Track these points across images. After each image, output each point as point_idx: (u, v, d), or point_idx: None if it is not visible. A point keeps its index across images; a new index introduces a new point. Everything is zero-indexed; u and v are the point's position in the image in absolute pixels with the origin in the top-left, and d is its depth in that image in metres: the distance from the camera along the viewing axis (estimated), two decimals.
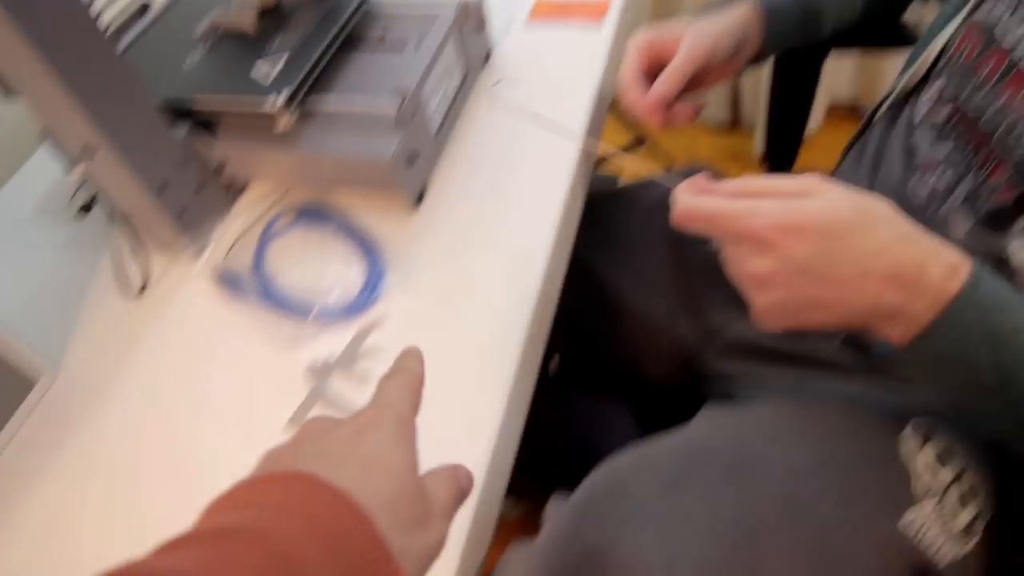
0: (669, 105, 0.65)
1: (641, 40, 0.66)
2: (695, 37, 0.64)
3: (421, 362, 0.40)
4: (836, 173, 0.75)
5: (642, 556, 0.45)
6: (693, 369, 0.77)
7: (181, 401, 0.60)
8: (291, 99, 0.62)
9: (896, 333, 0.44)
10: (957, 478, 0.50)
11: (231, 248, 0.68)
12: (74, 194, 0.74)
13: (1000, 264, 0.54)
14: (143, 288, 0.67)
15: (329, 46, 0.66)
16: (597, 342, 0.85)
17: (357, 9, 0.70)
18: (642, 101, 0.64)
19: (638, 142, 1.62)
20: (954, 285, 0.42)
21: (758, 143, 1.80)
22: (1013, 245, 0.54)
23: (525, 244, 0.64)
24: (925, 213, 0.60)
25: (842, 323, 0.45)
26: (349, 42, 0.71)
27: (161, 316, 0.66)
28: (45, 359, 0.63)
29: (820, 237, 0.43)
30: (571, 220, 0.70)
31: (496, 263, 0.63)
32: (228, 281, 0.66)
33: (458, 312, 0.61)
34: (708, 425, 0.57)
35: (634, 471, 0.51)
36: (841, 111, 1.88)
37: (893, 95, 0.69)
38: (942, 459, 0.51)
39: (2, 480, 0.59)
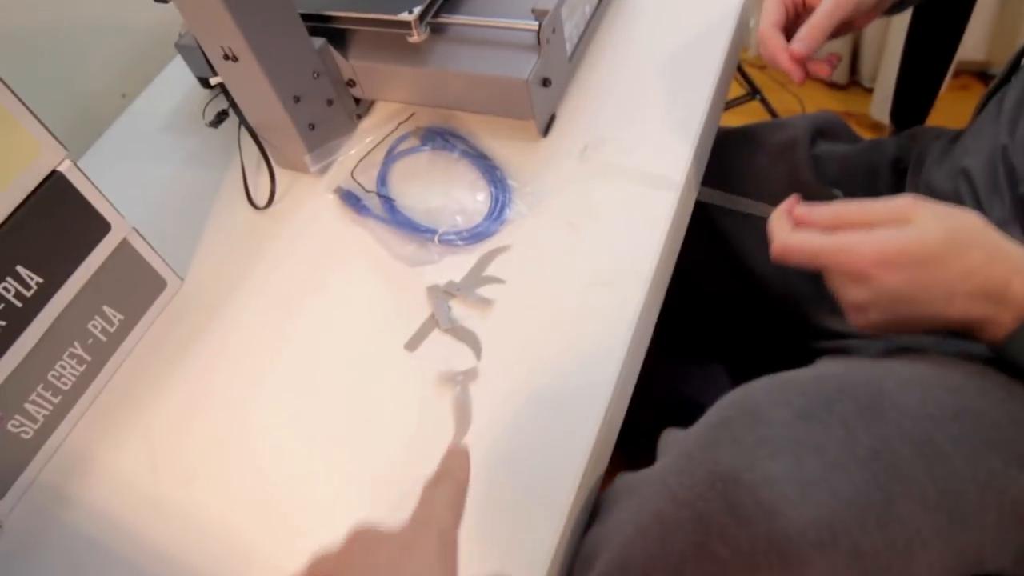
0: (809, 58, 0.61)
1: None
2: None
3: (467, 465, 0.39)
4: (970, 130, 0.69)
5: (776, 481, 0.43)
6: (807, 327, 0.74)
7: (301, 313, 0.61)
8: (424, 13, 0.61)
9: (987, 337, 0.48)
10: None
11: (356, 166, 0.68)
12: (207, 105, 0.75)
13: None
14: (269, 202, 0.68)
15: None
16: (706, 293, 0.83)
17: None
18: (783, 53, 0.61)
19: (751, 95, 1.56)
20: None
21: (876, 104, 1.70)
22: None
23: (655, 174, 0.61)
24: None
25: (936, 330, 0.49)
26: None
27: (285, 230, 0.67)
28: (174, 265, 0.64)
29: (913, 267, 0.47)
30: (703, 154, 0.67)
31: (624, 194, 0.61)
32: (351, 199, 0.66)
33: (583, 243, 0.59)
34: (840, 364, 0.55)
35: (769, 398, 0.49)
36: (968, 74, 1.76)
37: None
38: None
39: (128, 378, 0.61)
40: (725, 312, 0.83)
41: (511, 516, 0.47)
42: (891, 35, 1.61)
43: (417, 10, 0.61)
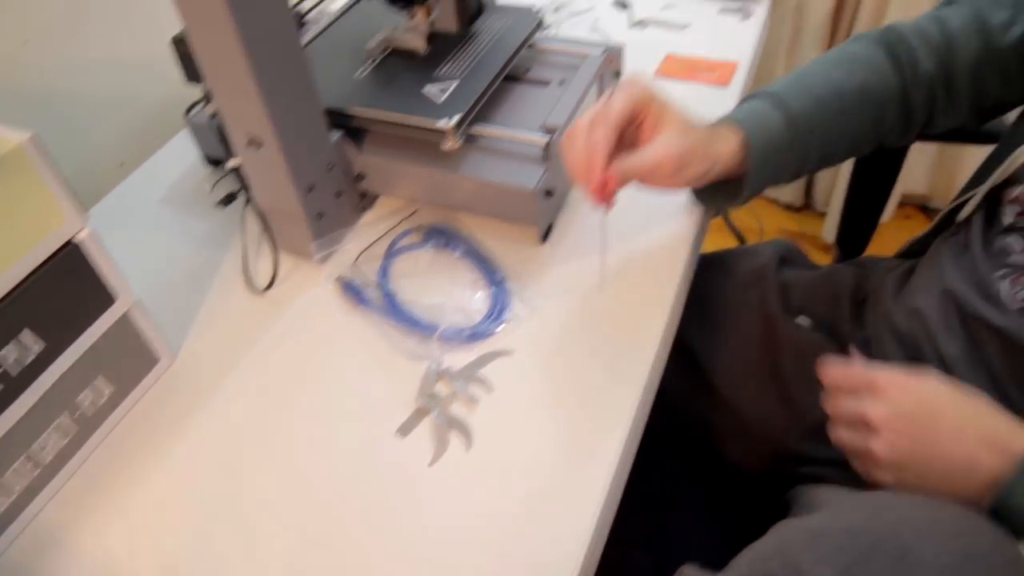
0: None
1: (632, 98, 0.61)
2: (673, 139, 0.61)
3: None
4: (919, 271, 0.74)
5: None
6: (780, 453, 0.76)
7: (291, 399, 0.61)
8: (459, 124, 0.64)
9: (980, 481, 0.52)
10: None
11: (358, 257, 0.70)
12: (215, 184, 0.76)
13: None
14: (269, 285, 0.69)
15: (495, 80, 0.69)
16: (684, 418, 0.84)
17: (522, 45, 0.72)
18: (598, 175, 0.59)
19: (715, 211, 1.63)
20: None
21: (828, 227, 1.80)
22: None
23: (648, 294, 0.64)
24: (1018, 318, 0.60)
25: (944, 480, 0.54)
26: None
27: (282, 315, 0.67)
28: (167, 340, 0.64)
29: (928, 395, 0.53)
30: (688, 275, 0.70)
31: (616, 310, 0.64)
32: (352, 290, 0.67)
33: (579, 351, 0.61)
34: (857, 508, 0.57)
35: (811, 554, 0.51)
36: (912, 205, 1.89)
37: (975, 199, 0.68)
38: None
39: (110, 455, 0.60)
40: (695, 431, 0.85)
41: None
42: (844, 165, 1.72)
43: (455, 119, 0.65)
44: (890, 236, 1.82)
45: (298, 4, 0.79)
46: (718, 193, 0.69)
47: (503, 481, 0.54)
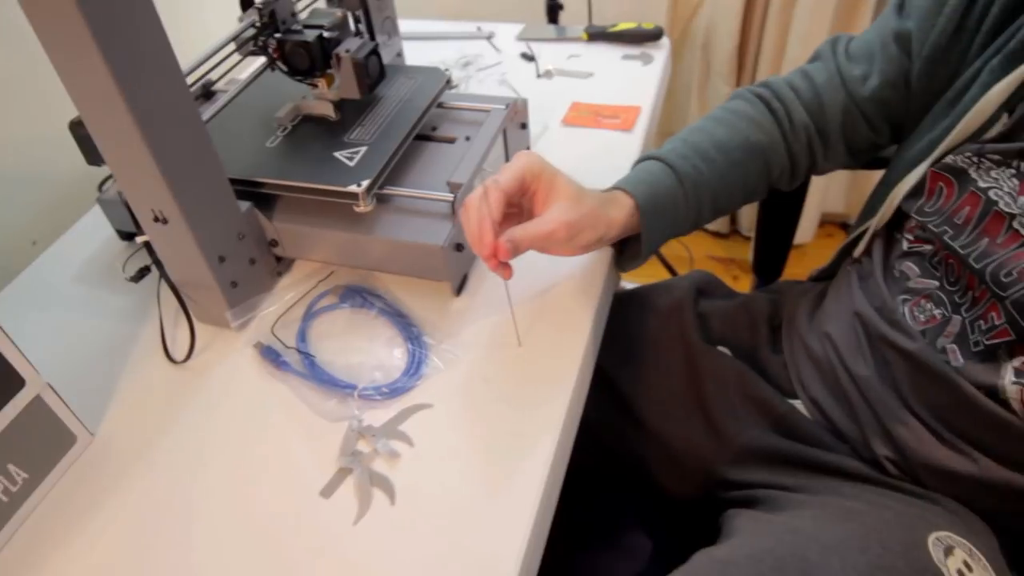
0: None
1: (521, 169, 0.63)
2: (564, 208, 0.63)
3: None
4: (830, 295, 0.78)
5: None
6: (711, 479, 0.78)
7: (213, 468, 0.61)
8: (370, 187, 0.67)
9: None
10: None
11: (276, 322, 0.71)
12: (127, 260, 0.77)
13: (993, 396, 0.58)
14: (187, 357, 0.69)
15: (404, 142, 0.71)
16: (617, 454, 0.86)
17: (430, 106, 0.75)
18: (488, 246, 0.62)
19: None
20: None
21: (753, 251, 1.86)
22: (1005, 381, 0.57)
23: (561, 339, 0.67)
24: (922, 340, 0.63)
25: None
26: None
27: (203, 385, 0.68)
28: (84, 419, 0.64)
29: None
30: (602, 317, 0.73)
31: (531, 356, 0.66)
32: (271, 354, 0.68)
33: (496, 397, 0.63)
34: (764, 533, 0.60)
35: None
36: (833, 224, 1.97)
37: (869, 234, 0.73)
38: (968, 566, 0.54)
39: (27, 541, 0.59)
40: (628, 466, 0.86)
41: None
42: None
43: (366, 183, 0.67)
44: (814, 255, 1.90)
45: (206, 75, 0.81)
46: (619, 254, 0.73)
47: (428, 532, 0.55)
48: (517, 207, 0.67)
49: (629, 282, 1.86)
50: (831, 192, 1.86)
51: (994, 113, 0.59)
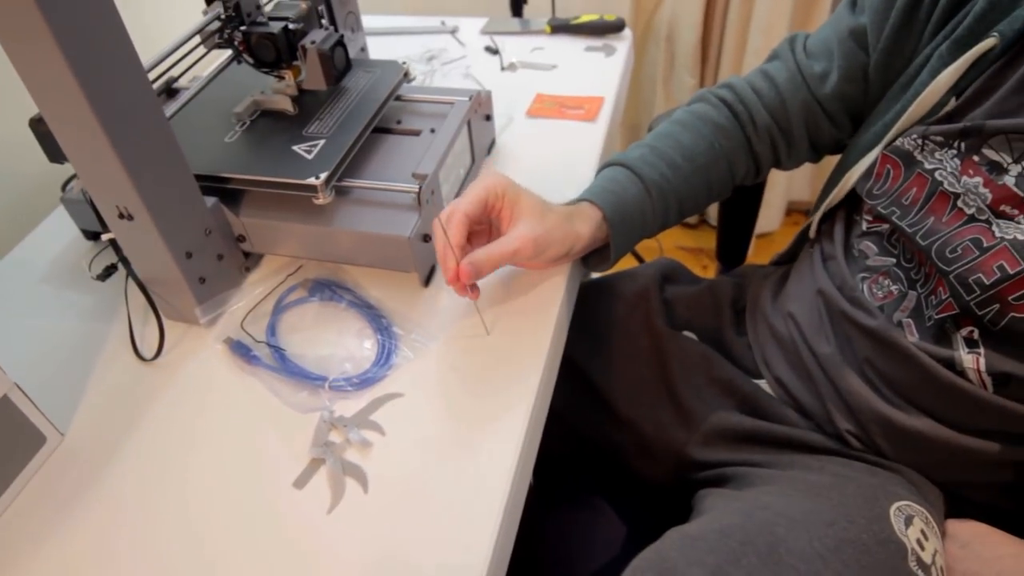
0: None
1: (484, 190, 0.65)
2: (529, 226, 0.65)
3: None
4: (793, 276, 0.80)
5: None
6: (682, 462, 0.80)
7: (187, 465, 0.61)
8: (328, 179, 0.67)
9: None
10: (935, 552, 0.57)
11: (245, 317, 0.71)
12: (93, 259, 0.76)
13: (951, 367, 0.60)
14: (157, 355, 0.69)
15: (362, 134, 0.72)
16: (591, 442, 0.87)
17: (388, 98, 0.75)
18: (447, 251, 0.63)
19: None
20: None
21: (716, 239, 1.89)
22: (959, 353, 0.59)
23: (528, 327, 0.67)
24: (881, 316, 0.65)
25: None
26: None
27: (173, 381, 0.68)
28: (54, 419, 0.63)
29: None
30: (569, 306, 0.74)
31: (499, 344, 0.67)
32: (241, 349, 0.68)
33: (465, 384, 0.64)
34: (734, 509, 0.61)
35: (683, 557, 0.54)
36: (799, 212, 2.00)
37: (818, 215, 0.76)
38: (925, 535, 0.56)
39: (1, 539, 0.58)
40: (602, 453, 0.88)
41: None
42: None
43: (324, 175, 0.67)
44: (781, 243, 1.91)
45: (168, 71, 0.80)
46: (588, 259, 0.75)
47: (401, 519, 0.55)
48: (486, 224, 0.69)
49: (597, 273, 1.89)
50: (796, 181, 1.89)
51: (943, 97, 0.61)
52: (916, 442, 0.64)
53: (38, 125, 0.64)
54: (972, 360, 0.58)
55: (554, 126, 0.91)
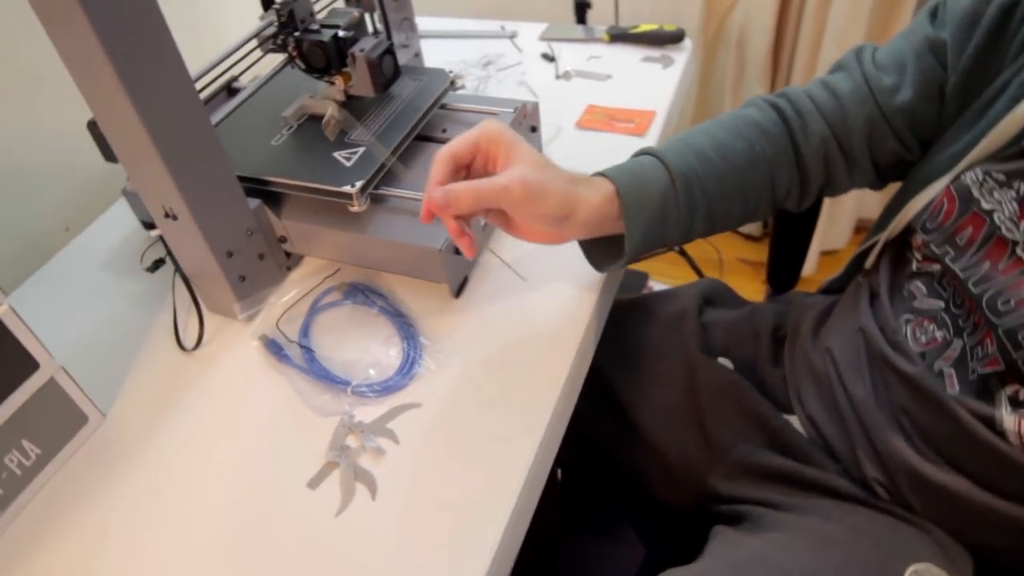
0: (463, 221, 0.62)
1: (478, 133, 0.62)
2: (520, 169, 0.60)
3: None
4: (836, 311, 0.77)
5: None
6: (704, 492, 0.78)
7: (213, 455, 0.65)
8: (364, 188, 0.69)
9: None
10: None
11: (281, 316, 0.73)
12: (145, 251, 0.80)
13: (991, 426, 0.56)
14: (196, 345, 0.72)
15: (401, 143, 0.74)
16: (613, 461, 0.87)
17: (431, 108, 0.77)
18: (430, 182, 0.61)
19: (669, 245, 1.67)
20: None
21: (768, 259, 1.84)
22: (1001, 412, 0.56)
23: (552, 349, 0.68)
24: (921, 364, 0.62)
25: None
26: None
27: (209, 373, 0.71)
28: (97, 401, 0.67)
29: None
30: (597, 328, 0.74)
31: (520, 364, 0.67)
32: (274, 347, 0.71)
33: (481, 403, 0.65)
34: (728, 565, 0.61)
35: None
36: (867, 231, 1.93)
37: (879, 246, 0.71)
38: None
39: (38, 514, 0.63)
40: (627, 475, 0.87)
41: None
42: None
43: (359, 184, 0.69)
44: (845, 260, 1.86)
45: (228, 70, 0.84)
46: (603, 253, 0.70)
47: (406, 529, 0.57)
48: (483, 172, 0.64)
49: (657, 282, 1.86)
50: (867, 197, 1.82)
51: (1022, 130, 0.56)
52: (946, 499, 0.60)
53: (93, 128, 0.68)
54: (1014, 422, 0.55)
55: (602, 139, 0.91)
